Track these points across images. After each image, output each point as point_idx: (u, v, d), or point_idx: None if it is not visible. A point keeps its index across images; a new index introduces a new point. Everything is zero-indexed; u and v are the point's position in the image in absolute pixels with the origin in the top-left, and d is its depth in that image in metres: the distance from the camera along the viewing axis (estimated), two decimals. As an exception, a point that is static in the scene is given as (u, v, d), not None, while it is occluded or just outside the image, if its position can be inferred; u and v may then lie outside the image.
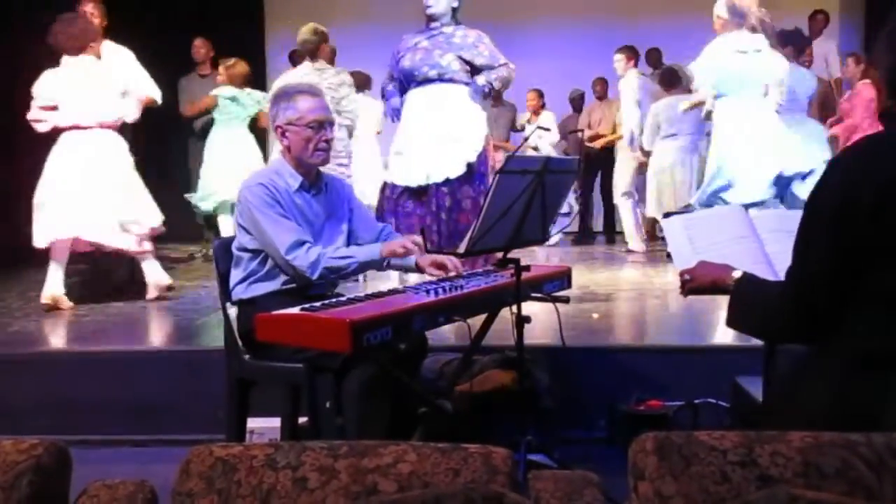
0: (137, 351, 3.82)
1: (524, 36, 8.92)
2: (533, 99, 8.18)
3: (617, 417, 3.29)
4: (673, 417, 3.18)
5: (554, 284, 2.97)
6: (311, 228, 2.70)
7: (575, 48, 8.80)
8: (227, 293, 2.76)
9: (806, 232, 1.63)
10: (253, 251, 2.67)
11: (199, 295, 5.06)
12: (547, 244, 8.01)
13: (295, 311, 2.25)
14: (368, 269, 2.73)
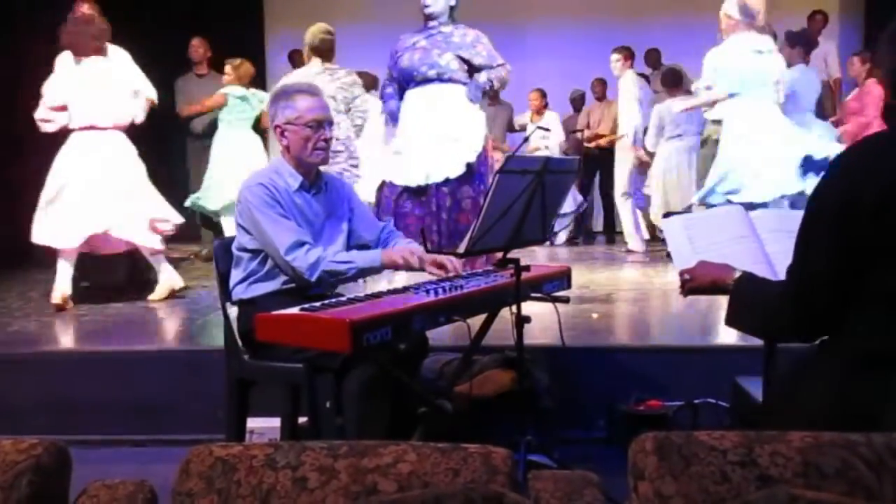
0: (137, 351, 3.82)
1: (525, 36, 8.93)
2: (536, 99, 8.15)
3: (616, 417, 3.29)
4: (673, 417, 3.19)
5: (554, 284, 2.97)
6: (311, 228, 2.70)
7: (575, 48, 8.80)
8: (227, 293, 2.76)
9: (807, 231, 1.62)
10: (253, 251, 2.67)
11: (199, 295, 5.06)
12: (555, 243, 8.08)
13: (295, 311, 2.25)
14: (367, 275, 2.75)
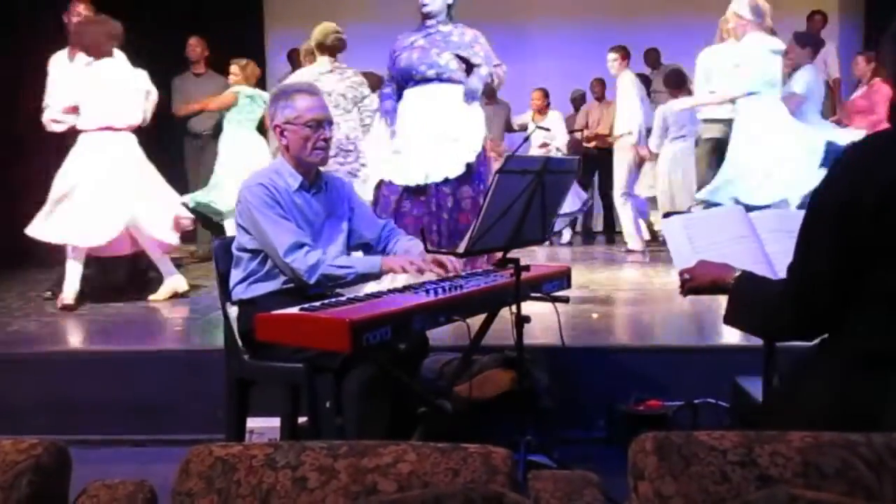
0: (137, 351, 3.82)
1: (525, 36, 8.92)
2: (538, 98, 8.12)
3: (616, 417, 3.29)
4: (672, 417, 3.19)
5: (553, 284, 2.97)
6: (311, 228, 2.70)
7: (575, 48, 8.79)
8: (226, 293, 2.76)
9: (808, 230, 1.62)
10: (253, 251, 2.67)
11: (199, 295, 5.06)
12: (560, 242, 8.09)
13: (295, 310, 2.25)
14: (367, 280, 2.71)
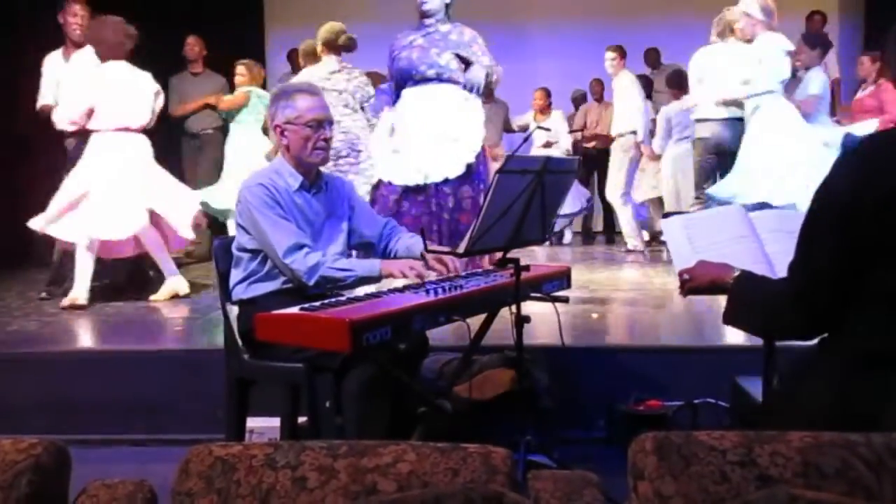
0: (137, 351, 3.82)
1: (525, 36, 8.93)
2: (540, 98, 8.11)
3: (616, 417, 3.29)
4: (672, 417, 3.19)
5: (553, 284, 2.97)
6: (311, 228, 2.70)
7: (576, 48, 8.79)
8: (226, 293, 2.76)
9: (811, 229, 1.62)
10: (252, 251, 2.67)
11: (198, 295, 5.06)
12: (562, 242, 8.09)
13: (294, 310, 2.25)
14: (366, 283, 2.70)
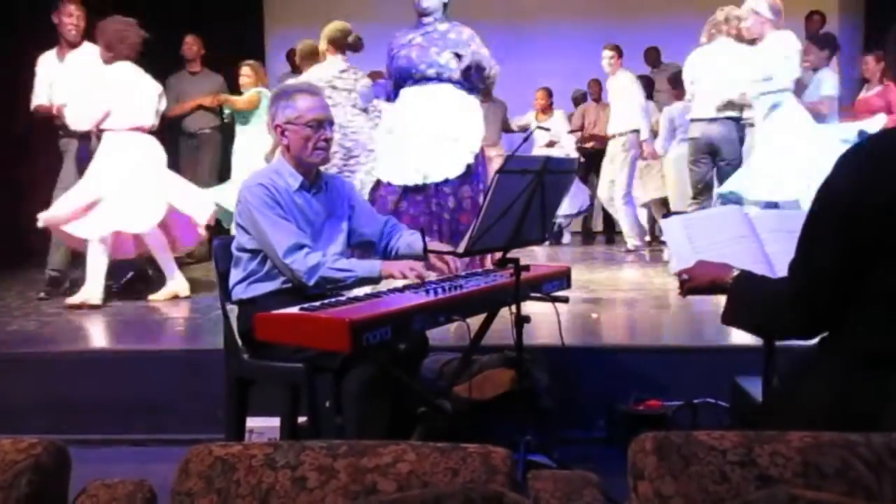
0: (137, 351, 3.82)
1: (525, 36, 8.93)
2: (542, 98, 8.11)
3: (616, 417, 3.29)
4: (672, 417, 3.18)
5: (553, 284, 2.97)
6: (311, 228, 2.71)
7: (576, 48, 8.79)
8: (226, 293, 2.76)
9: (812, 229, 1.61)
10: (252, 251, 2.67)
11: (198, 295, 5.06)
12: (561, 243, 8.09)
13: (294, 310, 2.25)
14: (366, 284, 2.70)
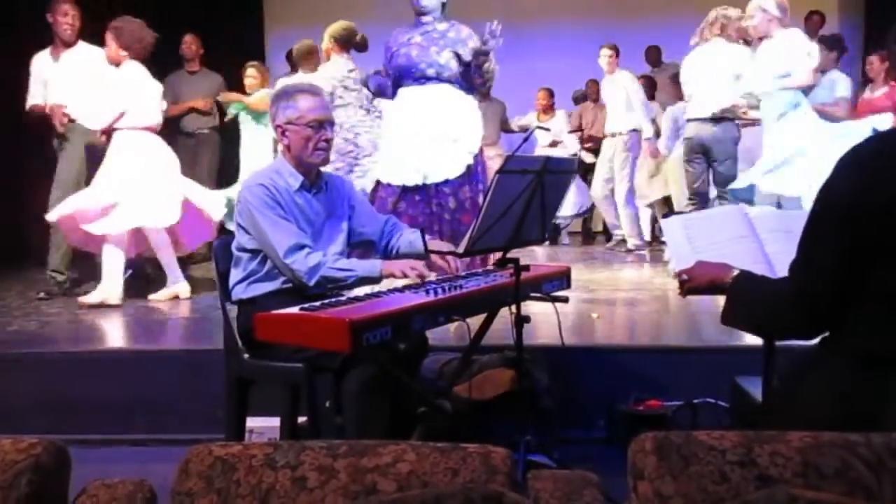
0: (137, 351, 3.82)
1: (525, 36, 8.90)
2: (543, 98, 8.10)
3: (616, 417, 3.29)
4: (672, 417, 3.18)
5: (553, 284, 2.97)
6: (311, 228, 2.71)
7: (576, 48, 8.77)
8: (226, 293, 2.76)
9: (813, 229, 1.61)
10: (252, 251, 2.67)
11: (198, 295, 5.06)
12: (561, 243, 8.09)
13: (294, 310, 2.25)
14: (366, 284, 2.70)
